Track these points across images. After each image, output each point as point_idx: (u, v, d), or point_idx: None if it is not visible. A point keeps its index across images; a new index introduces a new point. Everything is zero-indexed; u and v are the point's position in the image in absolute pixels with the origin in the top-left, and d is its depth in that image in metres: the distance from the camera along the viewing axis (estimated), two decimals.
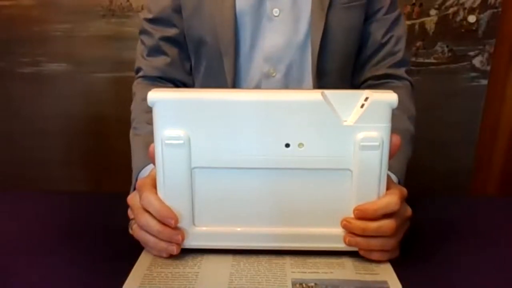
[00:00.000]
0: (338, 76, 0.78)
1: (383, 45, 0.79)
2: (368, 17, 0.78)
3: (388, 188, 0.49)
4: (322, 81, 0.76)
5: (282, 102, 0.46)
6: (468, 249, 0.56)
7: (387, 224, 0.48)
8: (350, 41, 0.77)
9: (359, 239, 0.49)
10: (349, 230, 0.49)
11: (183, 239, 0.49)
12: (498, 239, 0.58)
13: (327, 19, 0.73)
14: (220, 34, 0.74)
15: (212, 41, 0.75)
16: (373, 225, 0.48)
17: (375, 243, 0.49)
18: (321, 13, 0.72)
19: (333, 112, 0.46)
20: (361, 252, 0.50)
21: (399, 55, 0.79)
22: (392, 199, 0.48)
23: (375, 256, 0.50)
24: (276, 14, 0.74)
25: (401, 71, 0.79)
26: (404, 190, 0.51)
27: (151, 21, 0.79)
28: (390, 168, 0.59)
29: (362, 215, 0.48)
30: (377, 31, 0.78)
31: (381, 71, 0.79)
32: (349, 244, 0.49)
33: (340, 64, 0.78)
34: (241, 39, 0.75)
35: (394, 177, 0.61)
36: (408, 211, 0.51)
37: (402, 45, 0.79)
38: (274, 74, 0.76)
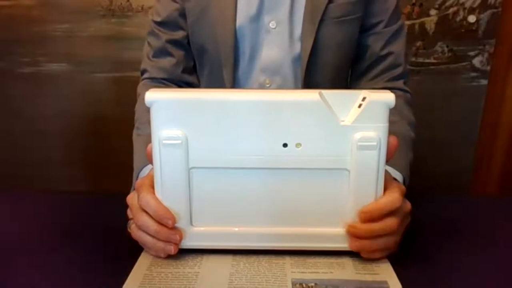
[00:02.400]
0: (329, 88, 0.77)
1: (381, 58, 0.78)
2: (366, 29, 0.78)
3: (387, 186, 0.50)
4: None
5: (280, 102, 0.46)
6: (468, 249, 0.56)
7: (391, 222, 0.49)
8: (342, 54, 0.77)
9: (365, 242, 0.49)
10: (356, 235, 0.49)
11: (181, 239, 0.50)
12: (498, 239, 0.58)
13: (318, 33, 0.73)
14: (221, 44, 0.75)
15: (213, 50, 0.76)
16: (378, 225, 0.48)
17: (379, 243, 0.49)
18: (311, 27, 0.73)
19: (331, 112, 0.46)
20: (364, 254, 0.50)
21: (399, 70, 0.78)
22: (394, 196, 0.49)
23: (377, 255, 0.50)
24: (273, 27, 0.75)
25: (400, 83, 0.79)
26: (403, 187, 0.51)
27: (159, 23, 0.80)
28: (395, 166, 0.60)
29: (369, 217, 0.48)
30: (375, 44, 0.77)
31: (380, 84, 0.78)
32: (355, 249, 0.49)
33: (332, 77, 0.77)
34: (240, 50, 0.76)
35: (400, 176, 0.62)
36: (408, 205, 0.52)
37: (401, 59, 0.78)
38: (269, 85, 0.77)
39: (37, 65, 1.60)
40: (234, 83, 0.77)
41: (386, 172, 0.49)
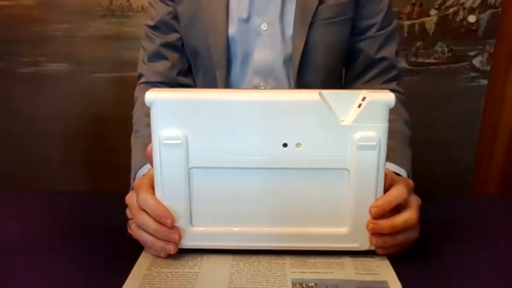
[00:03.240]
0: (322, 88, 0.78)
1: (376, 62, 0.78)
2: (359, 33, 0.77)
3: (393, 182, 0.51)
4: None
5: (280, 102, 0.46)
6: (468, 249, 0.56)
7: (410, 215, 0.50)
8: (334, 55, 0.77)
9: (386, 238, 0.50)
10: (378, 231, 0.49)
11: (180, 239, 0.50)
12: (498, 239, 0.58)
13: (308, 35, 0.73)
14: (213, 47, 0.75)
15: (205, 53, 0.76)
16: (400, 220, 0.49)
17: (401, 238, 0.50)
18: (302, 29, 0.73)
19: (331, 112, 0.46)
20: (381, 251, 0.50)
21: (393, 72, 0.79)
22: (400, 189, 0.50)
23: (393, 251, 0.51)
24: (264, 29, 0.75)
25: (393, 85, 0.79)
26: (410, 181, 0.53)
27: (152, 27, 0.80)
28: (398, 163, 0.62)
29: (381, 211, 0.48)
30: (369, 48, 0.77)
31: (375, 87, 0.78)
32: (376, 245, 0.50)
33: (323, 78, 0.77)
34: (232, 53, 0.76)
35: (404, 172, 0.63)
36: (419, 199, 0.53)
37: (395, 61, 0.79)
38: (263, 87, 0.78)
39: (37, 65, 1.60)
40: (228, 86, 0.77)
41: (389, 170, 0.49)
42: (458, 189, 1.65)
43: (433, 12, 1.50)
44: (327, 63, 0.77)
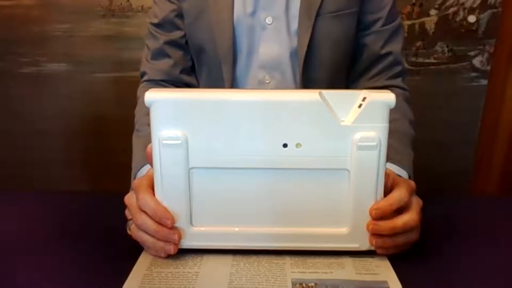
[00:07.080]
0: (328, 84, 0.77)
1: (381, 57, 0.78)
2: (364, 28, 0.77)
3: (395, 184, 0.51)
4: (310, 89, 0.76)
5: (280, 102, 0.46)
6: (468, 249, 0.56)
7: (411, 217, 0.50)
8: (339, 50, 0.77)
9: (386, 239, 0.50)
10: (378, 232, 0.49)
11: (179, 239, 0.50)
12: (498, 239, 0.58)
13: (314, 28, 0.73)
14: (219, 43, 0.75)
15: (211, 49, 0.77)
16: (400, 221, 0.49)
17: (401, 239, 0.50)
18: (308, 23, 0.73)
19: (331, 112, 0.46)
20: (381, 251, 0.51)
21: (398, 68, 0.79)
22: (401, 192, 0.50)
23: (393, 251, 0.51)
24: (269, 23, 0.75)
25: (399, 81, 0.79)
26: (412, 183, 0.53)
27: (156, 25, 0.80)
28: (400, 164, 0.62)
29: (381, 213, 0.49)
30: (375, 43, 0.77)
31: (379, 83, 0.78)
32: (376, 245, 0.50)
33: (329, 73, 0.77)
34: (238, 48, 0.76)
35: (405, 173, 0.63)
36: (420, 201, 0.53)
37: (400, 57, 0.79)
38: (268, 81, 0.78)
39: (37, 65, 1.60)
40: (233, 81, 0.77)
41: (391, 170, 0.50)
42: (458, 189, 1.65)
43: (433, 12, 1.50)
44: (333, 58, 0.77)
